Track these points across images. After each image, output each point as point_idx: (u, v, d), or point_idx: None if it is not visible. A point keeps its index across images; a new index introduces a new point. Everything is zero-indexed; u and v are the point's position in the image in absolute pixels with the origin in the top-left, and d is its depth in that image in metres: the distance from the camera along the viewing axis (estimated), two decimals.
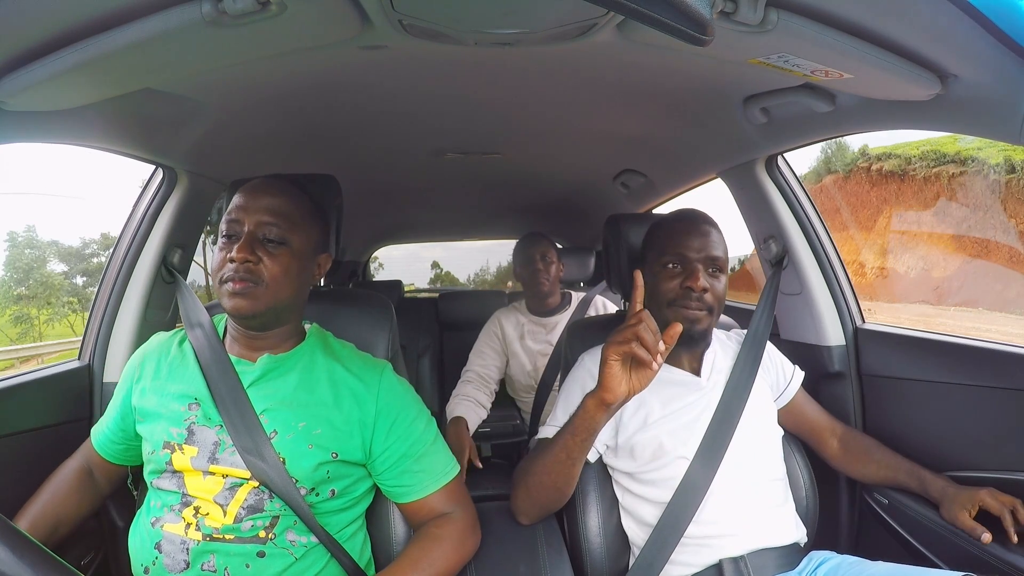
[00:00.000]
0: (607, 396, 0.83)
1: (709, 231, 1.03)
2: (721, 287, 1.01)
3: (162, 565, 0.80)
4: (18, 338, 16.63)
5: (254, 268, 0.83)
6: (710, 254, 1.00)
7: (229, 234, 0.86)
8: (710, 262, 1.00)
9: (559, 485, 0.95)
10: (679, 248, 1.01)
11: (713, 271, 1.00)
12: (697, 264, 0.99)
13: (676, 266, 1.01)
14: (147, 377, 0.91)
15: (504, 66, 0.98)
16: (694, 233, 1.02)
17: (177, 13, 0.62)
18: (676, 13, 0.48)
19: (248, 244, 0.83)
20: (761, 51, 0.73)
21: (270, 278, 0.84)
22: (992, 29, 0.60)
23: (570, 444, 0.90)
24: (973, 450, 1.05)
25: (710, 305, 0.99)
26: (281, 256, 0.85)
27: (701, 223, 1.04)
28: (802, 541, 1.00)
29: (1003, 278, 11.77)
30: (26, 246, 18.13)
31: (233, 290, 0.83)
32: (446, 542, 0.87)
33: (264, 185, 0.90)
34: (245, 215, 0.86)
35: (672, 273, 1.01)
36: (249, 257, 0.83)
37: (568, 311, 1.97)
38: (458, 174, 1.92)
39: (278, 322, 0.90)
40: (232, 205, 0.88)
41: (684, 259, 1.00)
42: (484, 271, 26.10)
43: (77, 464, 0.98)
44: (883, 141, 16.82)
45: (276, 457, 0.82)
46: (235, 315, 0.85)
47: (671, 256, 1.01)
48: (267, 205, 0.86)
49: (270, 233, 0.85)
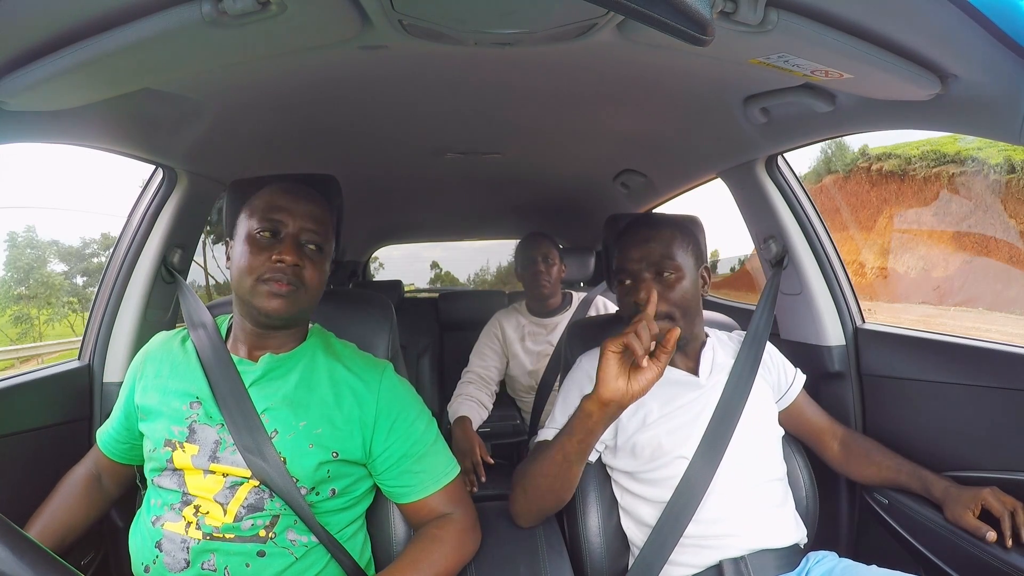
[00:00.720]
0: (603, 392, 0.81)
1: (649, 235, 1.00)
2: (680, 289, 0.98)
3: (162, 564, 0.80)
4: (18, 338, 16.64)
5: (299, 272, 0.85)
6: (652, 259, 0.98)
7: (269, 230, 0.86)
8: (657, 266, 0.98)
9: (556, 489, 0.94)
10: (624, 263, 1.01)
11: (666, 274, 0.98)
12: (643, 274, 0.98)
13: (628, 280, 1.00)
14: (149, 376, 0.91)
15: (504, 66, 0.97)
16: (634, 242, 1.01)
17: (177, 13, 0.62)
18: (676, 13, 0.48)
19: (296, 248, 0.85)
20: (761, 51, 0.73)
21: (309, 283, 0.86)
22: (992, 29, 0.60)
23: (567, 446, 0.88)
24: (973, 450, 1.05)
25: (667, 312, 0.97)
26: (320, 263, 0.88)
27: (641, 228, 1.02)
28: (802, 542, 1.00)
29: (1003, 278, 11.77)
30: (26, 246, 18.13)
31: (276, 291, 0.83)
32: (446, 543, 0.87)
33: (302, 189, 0.91)
34: (289, 218, 0.86)
35: (626, 289, 1.01)
36: (298, 261, 0.84)
37: (569, 312, 1.97)
38: (458, 174, 1.92)
39: (296, 324, 0.92)
40: (269, 203, 0.87)
41: (630, 272, 1.00)
42: (484, 271, 26.12)
43: (84, 470, 0.99)
44: (883, 141, 16.85)
45: (277, 456, 0.82)
46: (270, 315, 0.85)
47: (622, 273, 1.02)
48: (310, 211, 0.88)
49: (312, 239, 0.87)
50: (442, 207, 2.61)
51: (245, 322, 0.90)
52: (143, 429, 0.89)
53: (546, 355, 1.88)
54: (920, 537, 1.04)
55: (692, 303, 1.01)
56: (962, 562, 0.94)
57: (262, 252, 0.84)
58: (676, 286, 0.98)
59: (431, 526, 0.89)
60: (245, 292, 0.85)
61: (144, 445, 0.88)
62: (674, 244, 1.01)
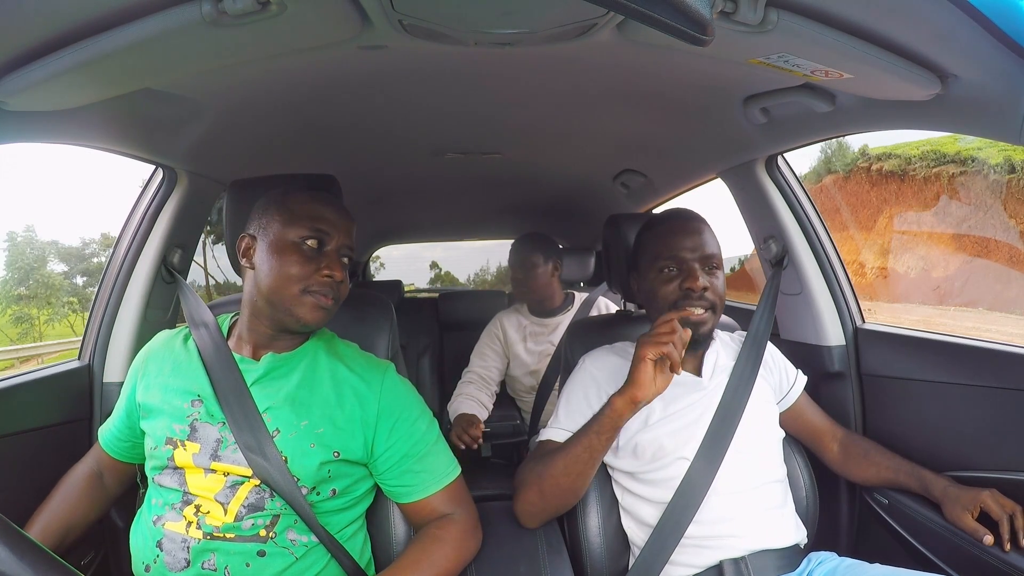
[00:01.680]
0: (638, 394, 0.86)
1: (701, 229, 1.03)
2: (720, 284, 1.01)
3: (163, 563, 0.80)
4: (18, 338, 16.65)
5: (339, 287, 0.87)
6: (704, 252, 1.00)
7: (316, 240, 0.86)
8: (706, 260, 1.00)
9: (577, 487, 0.95)
10: (673, 250, 1.01)
11: (709, 269, 1.00)
12: (694, 264, 0.99)
13: (672, 269, 1.01)
14: (151, 374, 0.91)
15: (504, 66, 0.97)
16: (687, 233, 1.02)
17: (177, 13, 0.62)
18: (676, 13, 0.47)
19: (340, 262, 0.87)
20: (761, 51, 0.73)
21: (342, 297, 0.89)
22: (992, 29, 0.60)
23: (595, 444, 0.91)
24: (973, 450, 1.05)
25: (712, 303, 0.99)
26: (348, 278, 0.90)
27: (693, 221, 1.04)
28: (803, 542, 1.00)
29: (1003, 278, 11.77)
30: (26, 246, 18.14)
31: (322, 304, 0.85)
32: (447, 543, 0.87)
33: (337, 201, 0.92)
34: (334, 230, 0.88)
35: (669, 276, 1.01)
36: (343, 278, 0.86)
37: (570, 312, 1.96)
38: (458, 174, 1.92)
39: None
40: (312, 213, 0.87)
41: (680, 260, 1.00)
42: (484, 271, 26.08)
43: (86, 469, 0.99)
44: (883, 141, 16.85)
45: (278, 455, 0.82)
46: (308, 325, 0.87)
47: (666, 260, 1.01)
48: (349, 227, 0.90)
49: (347, 255, 0.89)
50: (442, 207, 2.61)
51: (260, 324, 0.89)
52: (144, 427, 0.89)
53: (547, 355, 1.88)
54: (920, 537, 1.04)
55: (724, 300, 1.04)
56: (962, 562, 0.94)
57: (309, 263, 0.85)
58: (719, 278, 1.01)
59: (432, 526, 0.89)
60: (286, 299, 0.85)
61: (145, 443, 0.88)
62: (716, 241, 1.04)
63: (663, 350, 0.84)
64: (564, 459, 0.93)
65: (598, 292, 2.03)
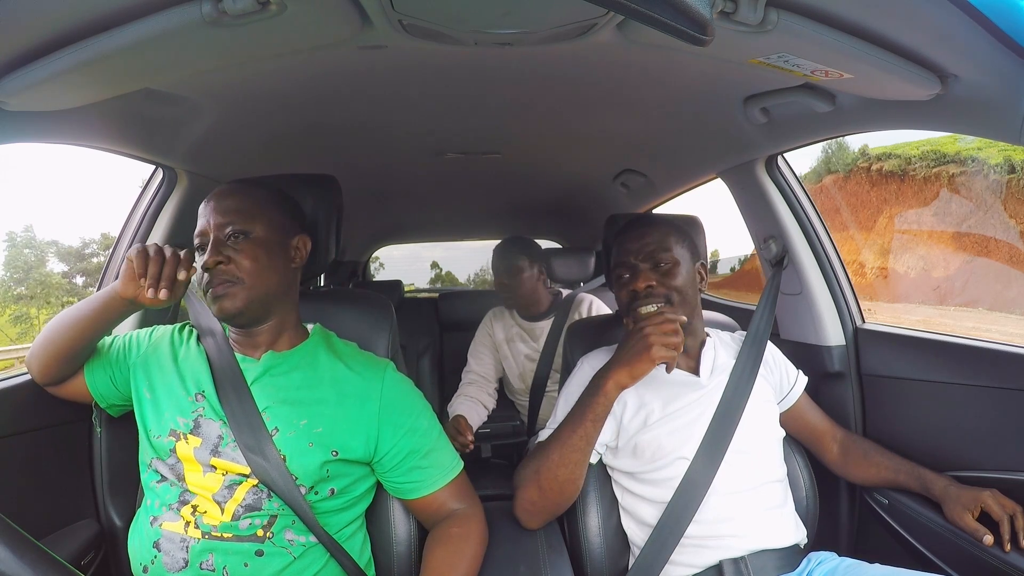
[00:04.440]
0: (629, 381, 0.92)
1: (647, 231, 1.04)
2: (678, 278, 1.01)
3: (161, 564, 0.80)
4: (18, 338, 16.65)
5: (226, 268, 0.85)
6: (649, 251, 1.02)
7: (200, 247, 0.88)
8: (651, 258, 1.02)
9: (575, 477, 0.96)
10: (622, 256, 1.05)
11: (662, 266, 1.01)
12: (639, 265, 1.02)
13: (626, 274, 1.04)
14: (153, 362, 0.92)
15: (504, 66, 0.98)
16: (632, 237, 1.05)
17: (177, 13, 0.62)
18: (676, 13, 0.47)
19: (215, 248, 0.85)
20: (761, 51, 0.73)
21: (244, 272, 0.85)
22: (992, 29, 0.60)
23: (590, 431, 0.94)
24: (973, 450, 1.05)
25: (665, 296, 1.00)
26: (246, 247, 0.86)
27: (638, 225, 1.07)
28: (802, 542, 1.00)
29: (1003, 278, 11.77)
30: (25, 246, 18.14)
31: (216, 294, 0.85)
32: (472, 540, 0.89)
33: (218, 193, 0.91)
34: (207, 225, 0.88)
35: (624, 282, 1.04)
36: (219, 259, 0.84)
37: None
38: (458, 174, 1.92)
39: (268, 313, 0.90)
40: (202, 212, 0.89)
41: (629, 266, 1.03)
42: (484, 271, 26.04)
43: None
44: (883, 141, 16.87)
45: (277, 454, 0.82)
46: (223, 317, 0.87)
47: (619, 267, 1.05)
48: (221, 207, 0.88)
49: (230, 230, 0.86)
50: (442, 207, 2.61)
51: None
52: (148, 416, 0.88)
53: (533, 359, 1.86)
54: (920, 537, 1.04)
55: (690, 293, 1.03)
56: (962, 562, 0.94)
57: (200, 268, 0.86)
58: (672, 273, 1.01)
59: (452, 524, 0.90)
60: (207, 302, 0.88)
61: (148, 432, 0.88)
62: (669, 238, 1.04)
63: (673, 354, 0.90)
64: (560, 451, 0.94)
65: (580, 291, 1.99)
